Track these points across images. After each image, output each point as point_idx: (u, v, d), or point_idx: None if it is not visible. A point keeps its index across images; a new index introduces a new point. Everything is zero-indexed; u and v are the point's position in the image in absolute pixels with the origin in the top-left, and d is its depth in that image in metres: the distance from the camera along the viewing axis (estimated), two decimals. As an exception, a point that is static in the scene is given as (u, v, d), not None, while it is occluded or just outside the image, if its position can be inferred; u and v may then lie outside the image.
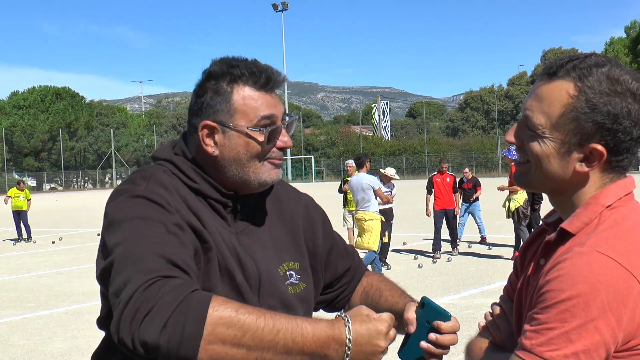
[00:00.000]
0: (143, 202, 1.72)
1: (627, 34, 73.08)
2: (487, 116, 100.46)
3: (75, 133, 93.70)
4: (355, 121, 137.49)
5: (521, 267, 1.81)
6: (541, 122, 1.60)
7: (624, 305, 1.43)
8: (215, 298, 1.51)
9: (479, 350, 1.78)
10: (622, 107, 1.54)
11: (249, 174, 1.87)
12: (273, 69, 1.88)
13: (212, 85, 1.85)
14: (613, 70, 1.56)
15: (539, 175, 1.64)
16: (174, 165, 1.89)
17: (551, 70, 1.61)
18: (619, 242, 1.50)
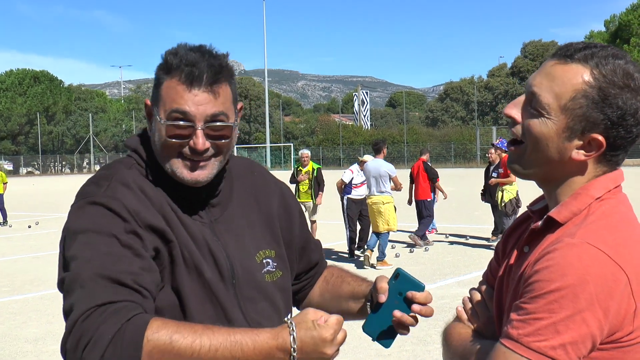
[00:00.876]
0: (99, 212, 1.72)
1: (606, 27, 73.58)
2: (467, 107, 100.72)
3: (53, 117, 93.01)
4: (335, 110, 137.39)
5: (503, 253, 1.80)
6: (549, 101, 1.57)
7: (611, 297, 1.43)
8: (151, 324, 1.55)
9: (458, 336, 1.77)
10: (631, 103, 1.53)
11: (166, 166, 1.84)
12: (211, 66, 1.80)
13: (156, 71, 1.87)
14: (629, 66, 1.55)
15: (534, 156, 1.62)
16: (140, 156, 1.90)
17: (568, 53, 1.58)
18: (609, 235, 1.50)
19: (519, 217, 1.86)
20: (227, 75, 1.83)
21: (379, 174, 12.39)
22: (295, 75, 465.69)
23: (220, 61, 1.82)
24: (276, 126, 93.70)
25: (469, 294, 1.86)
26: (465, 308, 1.83)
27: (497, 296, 1.73)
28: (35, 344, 7.77)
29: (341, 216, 14.25)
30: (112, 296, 1.58)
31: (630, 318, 1.47)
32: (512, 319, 1.50)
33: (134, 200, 1.76)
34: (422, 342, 7.28)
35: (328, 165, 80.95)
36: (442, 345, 1.83)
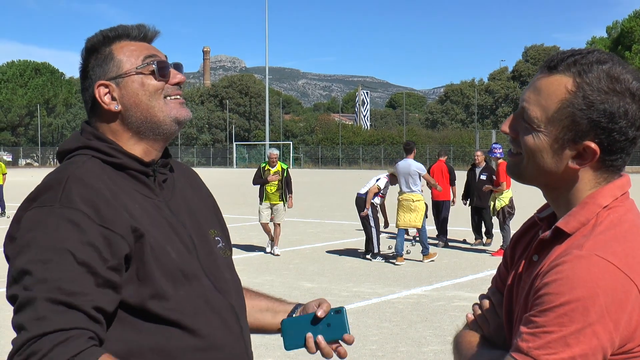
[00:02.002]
0: (55, 223, 1.67)
1: (608, 34, 73.60)
2: (467, 110, 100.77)
3: (54, 109, 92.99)
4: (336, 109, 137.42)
5: (511, 261, 1.79)
6: (537, 115, 1.58)
7: (622, 309, 1.43)
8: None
9: (468, 344, 1.75)
10: (619, 106, 1.52)
11: (157, 113, 1.89)
12: (144, 23, 1.98)
13: (93, 56, 1.91)
14: (614, 68, 1.54)
15: (531, 168, 1.62)
16: (91, 148, 1.87)
17: (552, 64, 1.59)
18: (618, 245, 1.49)
19: (526, 223, 1.84)
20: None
21: (408, 172, 12.95)
22: (296, 73, 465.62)
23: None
24: (276, 124, 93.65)
25: (479, 301, 1.85)
26: (475, 315, 1.82)
27: (507, 304, 1.72)
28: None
29: (340, 215, 14.20)
30: (64, 323, 1.59)
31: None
32: (522, 332, 1.50)
33: (93, 199, 1.72)
34: (417, 344, 7.29)
35: (327, 164, 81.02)
36: (453, 353, 1.83)
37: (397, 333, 7.75)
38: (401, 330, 7.89)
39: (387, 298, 9.66)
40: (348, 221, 19.07)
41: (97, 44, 1.91)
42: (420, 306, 9.11)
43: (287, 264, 12.63)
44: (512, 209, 13.76)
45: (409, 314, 8.66)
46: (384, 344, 7.30)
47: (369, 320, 8.30)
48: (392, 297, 9.75)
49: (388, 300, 9.50)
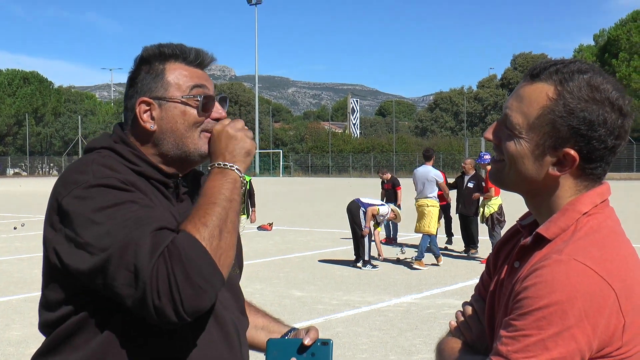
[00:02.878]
0: (102, 190, 1.73)
1: (595, 42, 73.93)
2: (456, 117, 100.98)
3: (42, 118, 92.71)
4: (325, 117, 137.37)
5: (494, 267, 1.82)
6: (519, 121, 1.61)
7: (600, 313, 1.45)
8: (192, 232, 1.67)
9: (451, 351, 1.77)
10: (598, 114, 1.55)
11: (188, 144, 1.92)
12: (202, 49, 1.99)
13: (145, 68, 1.94)
14: (595, 78, 1.58)
15: (512, 175, 1.65)
16: (114, 151, 1.90)
17: (534, 72, 1.62)
18: (596, 250, 1.51)
19: (509, 231, 1.87)
20: None
21: (427, 178, 13.40)
22: (286, 81, 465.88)
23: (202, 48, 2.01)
24: (266, 132, 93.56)
25: (462, 308, 1.86)
26: (457, 322, 1.83)
27: (489, 311, 1.74)
28: (17, 346, 7.71)
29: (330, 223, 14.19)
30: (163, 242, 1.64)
31: (619, 333, 1.48)
32: (501, 336, 1.51)
33: (122, 175, 1.80)
34: (406, 352, 7.28)
35: (317, 173, 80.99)
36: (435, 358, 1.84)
37: (387, 341, 7.74)
38: (391, 338, 7.88)
39: (377, 306, 9.65)
40: (338, 229, 19.07)
41: (152, 57, 1.94)
42: (410, 314, 9.10)
43: (277, 273, 12.61)
44: (502, 216, 13.82)
45: (398, 322, 8.65)
46: (373, 353, 7.29)
47: (359, 329, 8.29)
48: (382, 305, 9.74)
49: (378, 309, 9.49)
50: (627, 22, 68.48)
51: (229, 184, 1.80)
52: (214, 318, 1.87)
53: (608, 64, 67.06)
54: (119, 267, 1.63)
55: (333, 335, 7.93)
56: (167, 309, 1.61)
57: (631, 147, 63.50)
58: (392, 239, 16.94)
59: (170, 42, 1.97)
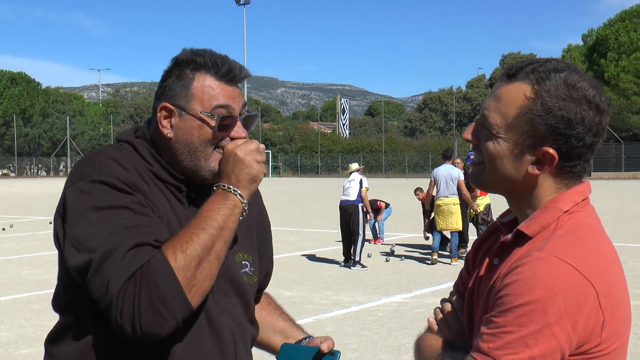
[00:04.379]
0: (101, 188, 1.76)
1: (584, 42, 74.13)
2: (445, 117, 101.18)
3: (30, 119, 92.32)
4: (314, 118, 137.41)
5: (473, 264, 1.83)
6: (497, 121, 1.62)
7: (579, 310, 1.46)
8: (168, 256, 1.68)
9: (429, 347, 1.78)
10: (576, 112, 1.56)
11: (200, 159, 1.91)
12: (237, 63, 1.94)
13: (176, 71, 1.92)
14: (571, 76, 1.59)
15: (493, 175, 1.66)
16: (132, 146, 1.93)
17: (511, 72, 1.63)
18: (577, 248, 1.52)
19: (489, 228, 1.88)
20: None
21: (451, 177, 13.58)
22: (275, 82, 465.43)
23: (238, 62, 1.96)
24: (254, 133, 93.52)
25: (440, 305, 1.87)
26: (436, 318, 1.84)
27: (468, 307, 1.75)
28: (6, 347, 7.68)
29: (319, 223, 14.20)
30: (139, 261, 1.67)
31: (599, 330, 1.50)
32: (482, 333, 1.52)
33: (126, 173, 1.81)
34: (396, 351, 7.29)
35: (306, 173, 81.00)
36: (414, 356, 1.85)
37: (376, 341, 7.75)
38: (381, 338, 7.89)
39: (367, 306, 9.67)
40: (327, 229, 19.08)
41: (185, 63, 1.92)
42: (400, 314, 9.12)
43: (267, 273, 12.56)
44: (488, 216, 13.94)
45: (388, 321, 8.67)
46: (363, 352, 7.30)
47: (349, 329, 8.30)
48: (371, 304, 9.75)
49: (368, 308, 9.50)
50: (615, 22, 68.74)
51: (227, 209, 1.79)
52: (209, 324, 1.87)
53: (597, 64, 67.32)
54: (97, 272, 1.68)
55: (323, 334, 7.92)
56: (127, 328, 1.65)
57: (620, 146, 63.79)
58: (380, 239, 16.97)
59: (207, 50, 1.95)
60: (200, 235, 1.72)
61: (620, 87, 63.99)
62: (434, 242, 13.80)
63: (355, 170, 13.94)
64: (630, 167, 62.35)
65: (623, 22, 67.41)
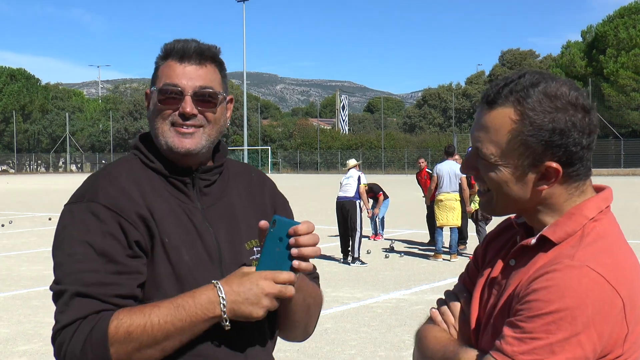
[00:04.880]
0: (80, 216, 1.85)
1: (583, 38, 74.00)
2: (445, 114, 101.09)
3: (30, 116, 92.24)
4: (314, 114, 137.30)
5: (482, 260, 1.82)
6: (492, 151, 1.62)
7: (606, 321, 1.46)
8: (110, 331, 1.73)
9: (434, 339, 1.76)
10: (566, 120, 1.55)
11: (158, 135, 1.97)
12: (198, 44, 2.01)
13: (156, 61, 2.05)
14: (549, 86, 1.58)
15: (501, 201, 1.66)
16: (137, 149, 2.02)
17: (490, 99, 1.62)
18: (606, 258, 1.52)
19: (501, 225, 1.87)
20: (214, 58, 2.02)
21: (455, 174, 13.67)
22: (274, 78, 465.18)
23: (208, 45, 2.03)
24: (254, 129, 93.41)
25: (444, 297, 1.86)
26: (440, 310, 1.83)
27: (476, 304, 1.74)
28: (5, 344, 7.67)
29: (318, 219, 14.19)
30: (80, 313, 1.76)
31: (621, 342, 1.50)
32: (506, 335, 1.52)
33: (116, 193, 1.87)
34: (396, 348, 7.29)
35: (305, 169, 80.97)
36: (415, 348, 1.83)
37: (375, 337, 7.75)
38: (380, 334, 7.89)
39: (366, 302, 9.67)
40: (327, 226, 19.06)
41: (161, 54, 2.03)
42: (399, 310, 9.12)
43: (266, 269, 12.54)
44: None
45: (387, 318, 8.66)
46: (362, 349, 7.30)
47: (348, 325, 8.30)
48: (370, 301, 9.76)
49: (367, 305, 9.50)
50: (614, 18, 68.65)
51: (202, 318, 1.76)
52: None
53: (596, 60, 67.25)
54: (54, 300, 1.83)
55: (322, 331, 7.93)
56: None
57: (619, 142, 63.80)
58: (379, 235, 16.98)
59: (185, 39, 2.03)
60: (155, 331, 1.74)
61: (619, 83, 63.93)
62: (438, 244, 13.79)
63: (353, 167, 13.95)
64: (630, 163, 62.34)
65: (622, 19, 67.34)
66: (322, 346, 7.43)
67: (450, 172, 13.76)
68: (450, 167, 13.87)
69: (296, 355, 7.09)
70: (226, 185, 2.08)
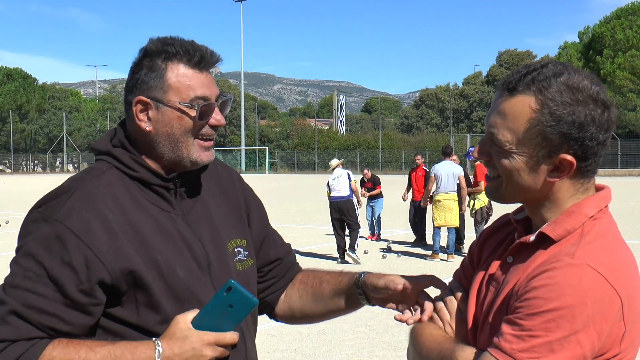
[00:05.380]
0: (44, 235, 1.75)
1: (580, 39, 74.08)
2: (442, 114, 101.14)
3: (27, 115, 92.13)
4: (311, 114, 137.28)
5: (478, 258, 1.81)
6: (508, 138, 1.60)
7: (605, 320, 1.46)
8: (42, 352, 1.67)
9: (430, 337, 1.75)
10: (586, 114, 1.54)
11: (182, 150, 1.88)
12: (208, 48, 1.90)
13: (147, 62, 1.87)
14: (572, 78, 1.57)
15: (511, 189, 1.65)
16: (113, 157, 1.89)
17: (511, 85, 1.60)
18: (606, 257, 1.52)
19: (497, 222, 1.86)
20: None
21: (453, 173, 13.72)
22: (272, 78, 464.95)
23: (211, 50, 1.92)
24: (251, 129, 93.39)
25: (441, 294, 1.85)
26: (437, 308, 1.82)
27: (473, 301, 1.73)
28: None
29: (316, 219, 14.19)
30: (13, 335, 1.69)
31: (619, 341, 1.51)
32: (504, 332, 1.52)
33: (90, 220, 1.76)
34: (393, 348, 7.30)
35: (303, 169, 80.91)
36: (410, 345, 1.82)
37: (373, 337, 7.75)
38: (377, 334, 7.89)
39: (363, 302, 9.63)
40: (324, 226, 19.06)
41: (155, 53, 1.87)
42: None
43: (263, 269, 12.54)
44: (490, 211, 13.93)
45: (385, 318, 8.66)
46: (360, 349, 7.30)
47: (345, 325, 8.30)
48: (368, 301, 9.72)
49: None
50: (611, 20, 68.72)
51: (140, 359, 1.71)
52: None
53: (593, 61, 67.30)
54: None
55: (319, 331, 7.93)
56: None
57: (615, 143, 63.79)
58: (377, 235, 16.99)
59: (176, 38, 1.89)
60: None
61: (616, 84, 63.98)
62: (435, 244, 13.82)
63: (336, 166, 14.11)
64: (626, 164, 62.39)
65: (619, 20, 67.43)
66: (320, 346, 7.43)
67: (449, 172, 13.76)
68: (448, 167, 13.88)
69: (293, 355, 7.09)
70: (198, 185, 2.01)
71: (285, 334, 7.88)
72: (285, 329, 8.05)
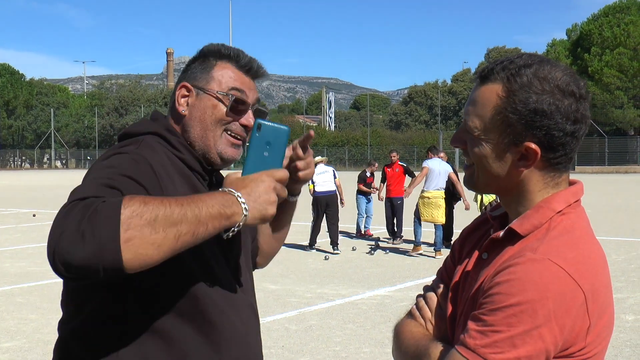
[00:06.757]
0: (127, 158, 1.76)
1: (568, 36, 74.31)
2: (430, 111, 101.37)
3: (14, 111, 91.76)
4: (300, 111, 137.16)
5: (459, 254, 1.83)
6: (476, 125, 1.63)
7: (567, 314, 1.47)
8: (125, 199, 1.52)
9: (409, 334, 1.77)
10: (549, 103, 1.55)
11: (210, 139, 1.96)
12: (258, 61, 2.06)
13: (201, 59, 2.03)
14: (541, 69, 1.59)
15: (482, 177, 1.67)
16: (161, 137, 1.95)
17: (483, 74, 1.64)
18: (569, 251, 1.53)
19: (477, 220, 1.88)
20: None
21: (445, 171, 13.85)
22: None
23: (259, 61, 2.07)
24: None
25: (423, 292, 1.87)
26: (418, 305, 1.84)
27: (452, 298, 1.74)
28: (-11, 341, 7.64)
29: (303, 216, 14.21)
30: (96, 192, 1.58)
31: (584, 335, 1.51)
32: (469, 329, 1.52)
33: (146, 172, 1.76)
34: (380, 345, 7.31)
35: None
36: (393, 342, 1.84)
37: (360, 334, 7.77)
38: (365, 331, 7.91)
39: (351, 299, 9.69)
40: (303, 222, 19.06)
41: (210, 53, 2.02)
42: (384, 307, 9.14)
43: (251, 266, 12.55)
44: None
45: (372, 314, 8.69)
46: (347, 345, 7.31)
47: (333, 322, 8.32)
48: (355, 298, 9.77)
49: (352, 302, 9.52)
50: (599, 17, 68.94)
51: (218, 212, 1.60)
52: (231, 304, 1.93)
53: (580, 59, 67.52)
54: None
55: (307, 328, 7.94)
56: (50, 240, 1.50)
57: (603, 140, 64.10)
58: (366, 232, 17.01)
59: (234, 47, 2.03)
60: (173, 208, 1.54)
61: (604, 81, 64.24)
62: (417, 237, 13.86)
63: (320, 162, 14.52)
64: (614, 161, 62.72)
65: (607, 17, 67.67)
66: (307, 342, 7.44)
67: (440, 169, 13.85)
68: (439, 164, 13.97)
69: (281, 352, 7.10)
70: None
71: (272, 330, 7.88)
72: (273, 325, 8.06)
